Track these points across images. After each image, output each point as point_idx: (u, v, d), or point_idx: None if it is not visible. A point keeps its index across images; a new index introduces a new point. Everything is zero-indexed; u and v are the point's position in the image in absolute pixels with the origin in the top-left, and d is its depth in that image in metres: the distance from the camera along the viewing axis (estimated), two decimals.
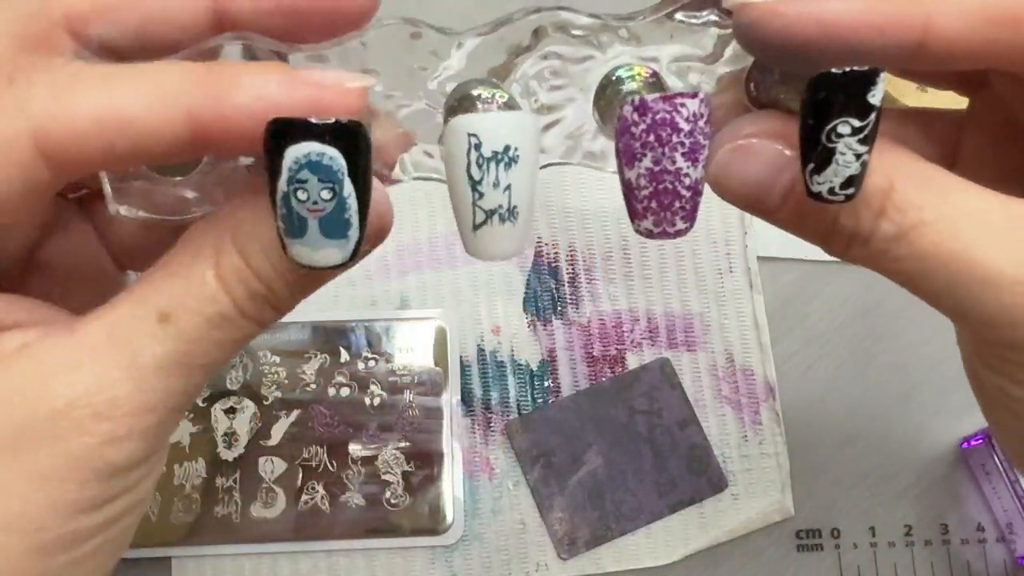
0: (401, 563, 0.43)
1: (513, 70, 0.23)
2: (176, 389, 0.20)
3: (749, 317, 0.46)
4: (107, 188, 0.22)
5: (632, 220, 0.21)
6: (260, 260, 0.20)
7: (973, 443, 0.43)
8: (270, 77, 0.19)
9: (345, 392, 0.45)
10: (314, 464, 0.44)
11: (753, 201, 0.21)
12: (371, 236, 0.20)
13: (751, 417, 0.45)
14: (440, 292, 0.46)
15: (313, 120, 0.18)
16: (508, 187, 0.19)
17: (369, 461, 0.44)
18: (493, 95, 0.22)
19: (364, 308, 0.46)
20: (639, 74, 0.23)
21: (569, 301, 0.46)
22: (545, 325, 0.46)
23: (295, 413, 0.44)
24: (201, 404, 0.45)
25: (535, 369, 0.45)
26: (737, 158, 0.21)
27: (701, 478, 0.44)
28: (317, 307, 0.46)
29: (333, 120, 0.18)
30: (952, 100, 0.41)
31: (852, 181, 0.19)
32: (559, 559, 0.43)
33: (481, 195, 0.19)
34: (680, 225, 0.21)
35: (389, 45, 0.22)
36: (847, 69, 0.19)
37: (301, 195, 0.18)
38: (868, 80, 0.19)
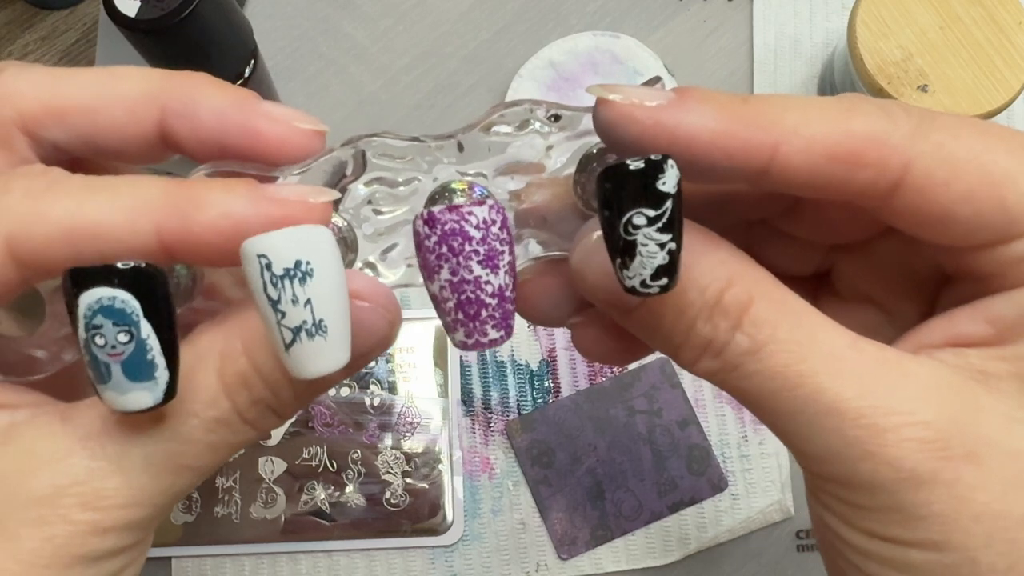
0: (401, 563, 0.43)
1: (343, 198, 0.23)
2: (164, 488, 0.20)
3: None
4: None
5: (448, 335, 0.21)
6: (270, 366, 0.20)
7: None
8: (237, 194, 0.19)
9: (345, 392, 0.45)
10: (314, 464, 0.44)
11: (611, 297, 0.21)
12: (374, 347, 0.21)
13: (751, 417, 0.45)
14: None
15: (102, 266, 0.18)
16: (308, 301, 0.19)
17: (369, 461, 0.44)
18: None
19: None
20: (461, 188, 0.23)
21: None
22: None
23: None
24: None
25: (535, 369, 0.45)
26: (601, 249, 0.19)
27: (701, 478, 0.44)
28: None
29: (122, 264, 0.18)
30: (953, 104, 0.41)
31: (663, 272, 0.19)
32: (559, 559, 0.43)
33: (283, 314, 0.19)
34: (493, 334, 0.21)
35: None
36: (633, 160, 0.19)
37: (99, 340, 0.18)
38: (655, 169, 0.18)
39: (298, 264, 0.18)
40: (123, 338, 0.18)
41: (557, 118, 0.23)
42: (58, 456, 0.19)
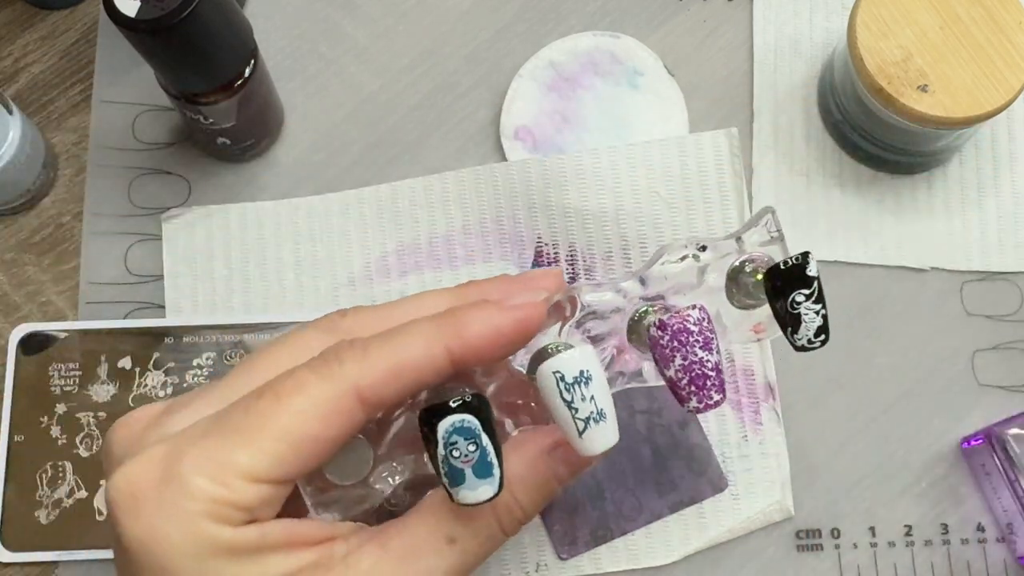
0: None
1: (568, 331, 0.31)
2: None
3: None
4: (308, 501, 0.29)
5: (682, 404, 0.29)
6: (525, 496, 0.29)
7: (973, 443, 0.43)
8: (488, 309, 0.28)
9: None
10: None
11: None
12: (583, 466, 0.31)
13: (751, 417, 0.45)
14: None
15: (449, 400, 0.26)
16: (592, 397, 0.27)
17: None
18: (557, 346, 0.29)
19: None
20: (651, 311, 0.31)
21: None
22: None
23: None
24: None
25: None
26: None
27: (701, 478, 0.44)
28: (319, 308, 0.46)
29: (463, 399, 0.26)
30: (953, 104, 0.41)
31: (821, 331, 0.29)
32: (559, 559, 0.43)
33: (576, 410, 0.27)
34: (716, 397, 0.29)
35: None
36: (787, 260, 0.28)
37: (455, 453, 0.26)
38: (804, 262, 0.28)
39: (582, 373, 0.27)
40: (471, 448, 0.26)
41: (704, 248, 0.31)
42: (386, 574, 0.27)
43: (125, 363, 0.45)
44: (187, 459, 0.26)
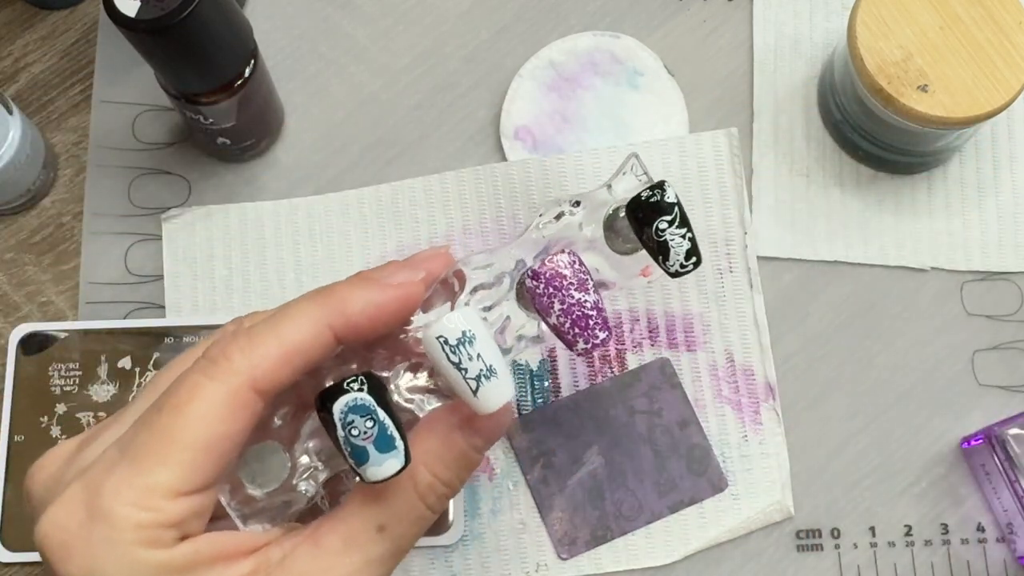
0: (400, 563, 0.43)
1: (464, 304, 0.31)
2: (389, 570, 0.29)
3: (749, 317, 0.46)
4: (234, 516, 0.29)
5: (571, 349, 0.30)
6: (446, 473, 0.29)
7: (973, 443, 0.43)
8: (366, 287, 0.29)
9: None
10: None
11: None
12: (499, 436, 0.30)
13: (751, 417, 0.45)
14: None
15: (340, 381, 0.26)
16: (479, 355, 0.27)
17: None
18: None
19: None
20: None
21: None
22: None
23: None
24: None
25: (535, 369, 0.45)
26: None
27: (701, 478, 0.44)
28: None
29: (354, 377, 0.26)
30: (953, 104, 0.41)
31: (690, 254, 0.30)
32: (559, 559, 0.43)
33: (465, 370, 0.27)
34: (601, 335, 0.29)
35: None
36: (644, 192, 0.29)
37: (354, 431, 0.26)
38: (660, 191, 0.29)
39: (464, 333, 0.27)
40: (369, 424, 0.26)
41: (578, 203, 0.32)
42: (322, 571, 0.27)
43: (125, 363, 0.45)
44: (106, 491, 0.26)
